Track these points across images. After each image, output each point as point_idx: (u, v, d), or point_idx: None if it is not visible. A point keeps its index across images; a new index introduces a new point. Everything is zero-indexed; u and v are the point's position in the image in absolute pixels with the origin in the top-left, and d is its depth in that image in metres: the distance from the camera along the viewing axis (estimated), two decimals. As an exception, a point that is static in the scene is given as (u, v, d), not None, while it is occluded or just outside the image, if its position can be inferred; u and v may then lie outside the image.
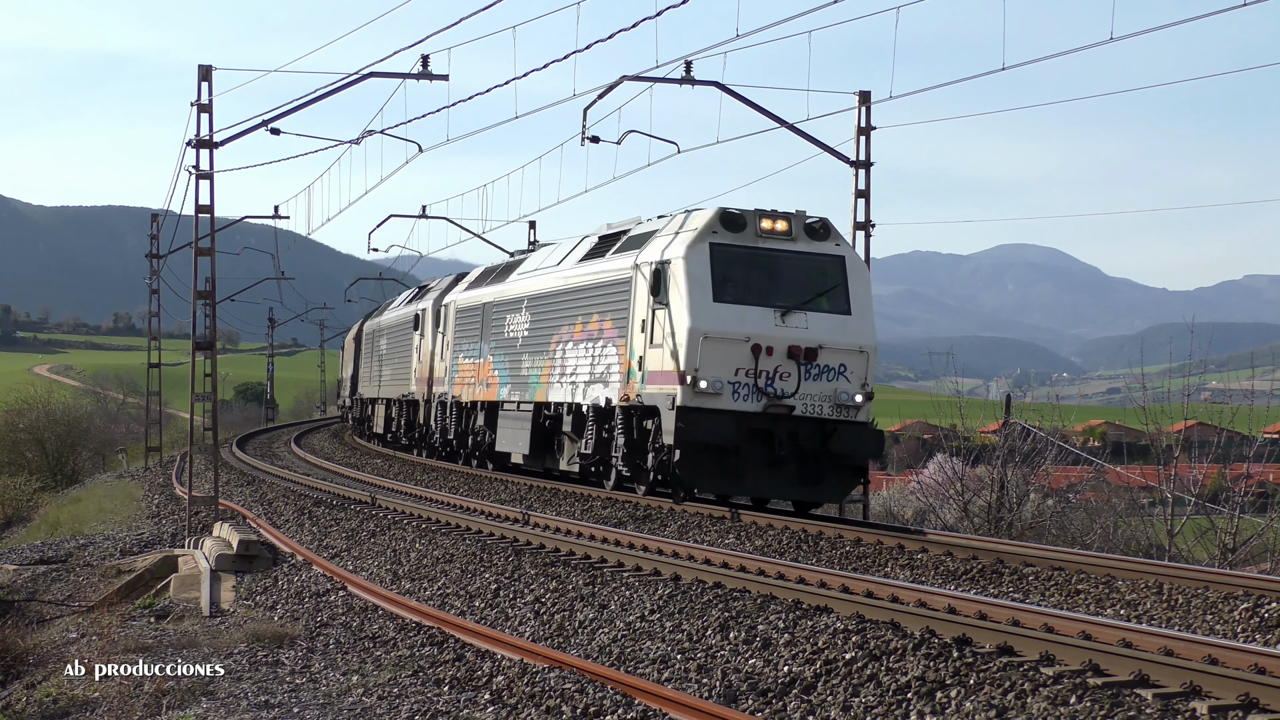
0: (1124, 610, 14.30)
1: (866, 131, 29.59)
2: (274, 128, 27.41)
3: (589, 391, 27.58)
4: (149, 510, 34.49)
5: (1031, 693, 10.16)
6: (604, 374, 26.92)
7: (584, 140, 29.77)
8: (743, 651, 12.28)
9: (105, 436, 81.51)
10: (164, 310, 53.85)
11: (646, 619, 14.03)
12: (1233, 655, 10.94)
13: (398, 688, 12.47)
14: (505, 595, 16.40)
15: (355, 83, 26.53)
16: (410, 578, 18.55)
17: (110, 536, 29.95)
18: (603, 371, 26.98)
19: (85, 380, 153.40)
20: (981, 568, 17.06)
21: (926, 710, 10.21)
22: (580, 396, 28.05)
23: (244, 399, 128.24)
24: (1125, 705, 9.78)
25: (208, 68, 26.58)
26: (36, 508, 51.90)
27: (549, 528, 22.17)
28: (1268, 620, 13.30)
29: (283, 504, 28.86)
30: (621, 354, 26.09)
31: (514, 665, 12.44)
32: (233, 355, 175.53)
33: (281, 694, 12.76)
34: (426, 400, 41.67)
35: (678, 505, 24.18)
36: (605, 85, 27.51)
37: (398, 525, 23.04)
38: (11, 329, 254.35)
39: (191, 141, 26.69)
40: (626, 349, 25.86)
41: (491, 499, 28.43)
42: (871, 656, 11.42)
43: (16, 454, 69.21)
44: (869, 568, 17.86)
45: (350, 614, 16.36)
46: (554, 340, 29.92)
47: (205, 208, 26.55)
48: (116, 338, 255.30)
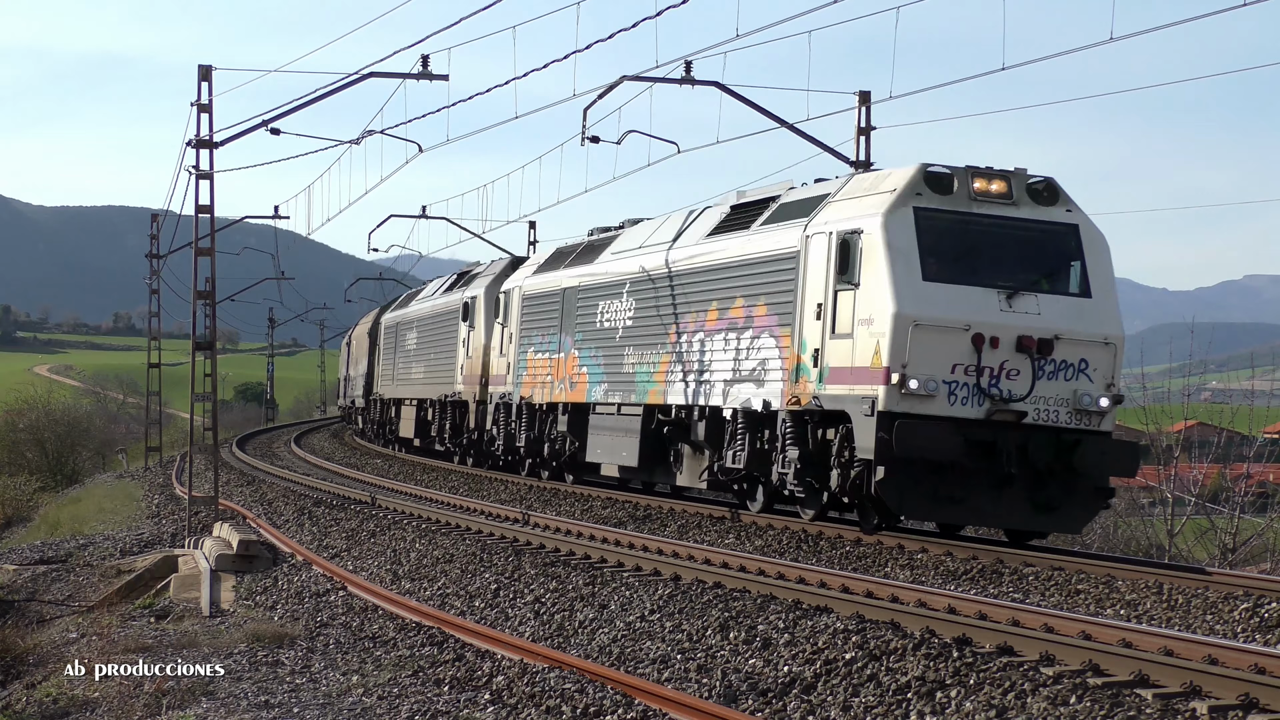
0: (1124, 610, 14.30)
1: (866, 131, 29.62)
2: (274, 128, 27.44)
3: (734, 392, 22.99)
4: (149, 510, 34.48)
5: (1031, 693, 10.16)
6: (756, 371, 22.37)
7: (584, 140, 29.77)
8: (743, 651, 12.28)
9: (105, 436, 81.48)
10: (164, 310, 53.87)
11: (646, 619, 14.03)
12: (1233, 655, 10.95)
13: (398, 688, 12.47)
14: (505, 595, 16.40)
15: (355, 83, 26.55)
16: (410, 578, 18.55)
17: (110, 536, 29.94)
18: (754, 368, 22.43)
19: (85, 380, 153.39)
20: (981, 568, 17.06)
21: (926, 710, 10.22)
22: (718, 399, 23.48)
23: (244, 399, 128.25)
24: (1125, 705, 9.78)
25: (208, 68, 26.59)
26: (36, 508, 51.89)
27: (549, 528, 22.17)
28: (1268, 620, 13.30)
29: (283, 504, 28.87)
30: (784, 346, 21.49)
31: (514, 665, 12.44)
32: (233, 355, 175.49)
33: (281, 694, 12.76)
34: (480, 401, 36.19)
35: (868, 535, 19.95)
36: (605, 85, 27.54)
37: (398, 525, 23.05)
38: (11, 329, 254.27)
39: (191, 141, 26.71)
40: (793, 340, 21.21)
41: (491, 499, 28.43)
42: (871, 656, 11.42)
43: (16, 454, 69.19)
44: (869, 568, 17.86)
45: (350, 614, 16.36)
46: (674, 331, 25.22)
47: (205, 208, 26.56)
48: (116, 338, 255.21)
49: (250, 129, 27.02)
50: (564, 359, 29.82)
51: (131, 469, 56.18)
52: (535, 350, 31.63)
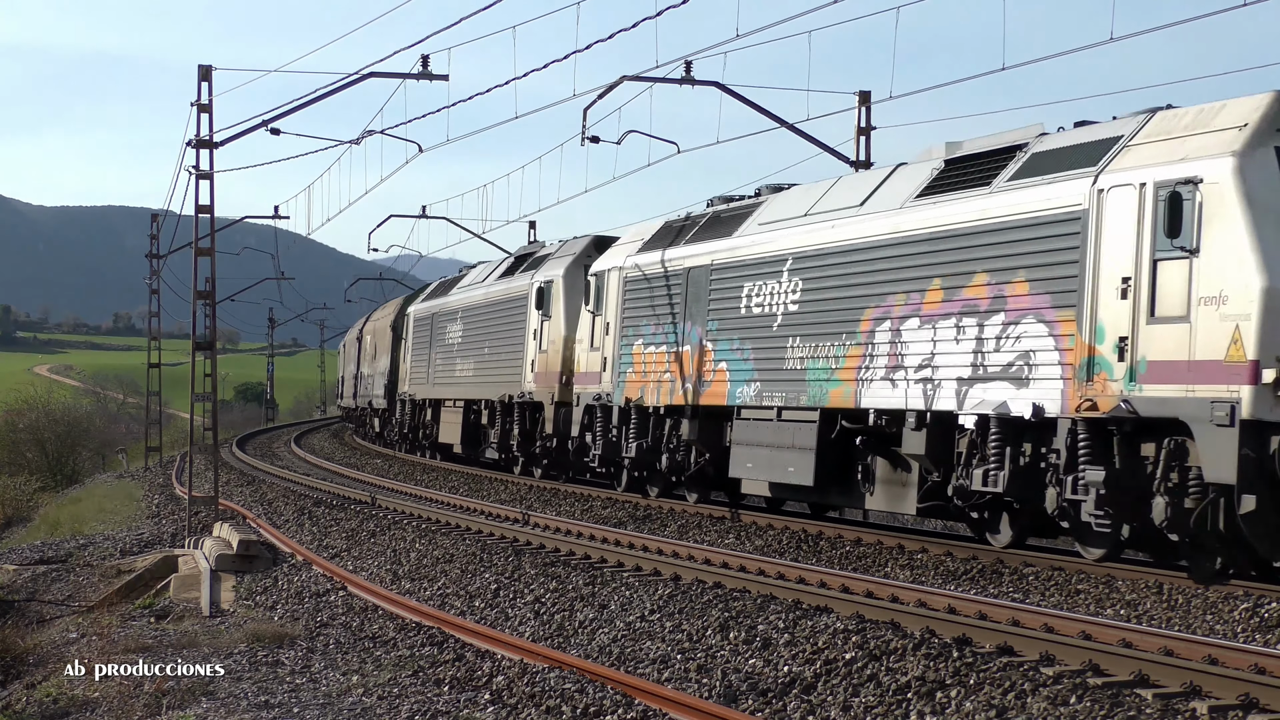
0: (1124, 610, 14.30)
1: (866, 131, 29.63)
2: (274, 128, 27.48)
3: (975, 394, 18.05)
4: (149, 510, 34.48)
5: (1031, 693, 10.16)
6: (1015, 367, 17.50)
7: (584, 140, 29.78)
8: (743, 651, 12.28)
9: (105, 436, 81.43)
10: (164, 310, 53.89)
11: (646, 619, 14.03)
12: (1233, 655, 10.95)
13: (398, 688, 12.46)
14: (505, 595, 16.40)
15: (355, 83, 26.58)
16: (410, 578, 18.55)
17: (110, 536, 29.94)
18: (1011, 363, 17.56)
19: (85, 380, 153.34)
20: (981, 568, 17.06)
21: (926, 710, 10.22)
22: (949, 402, 18.49)
23: (244, 399, 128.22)
24: (1125, 705, 9.78)
25: (208, 68, 26.62)
26: (36, 508, 51.86)
27: (549, 528, 22.17)
28: (1268, 620, 13.30)
29: (283, 504, 28.87)
30: (1065, 334, 16.72)
31: (514, 665, 12.44)
32: (233, 355, 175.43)
33: (281, 694, 12.76)
34: (561, 403, 30.92)
35: (1203, 586, 15.11)
36: (605, 85, 27.55)
37: (398, 525, 23.05)
38: (11, 329, 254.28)
39: (191, 141, 26.74)
40: (1081, 326, 16.40)
41: (491, 499, 28.43)
42: (871, 656, 11.42)
43: (16, 454, 69.15)
44: (869, 568, 17.86)
45: (350, 614, 16.36)
46: (869, 317, 20.16)
47: (205, 208, 26.58)
48: (116, 338, 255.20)
49: (250, 129, 27.06)
50: (691, 352, 24.82)
51: (131, 469, 56.18)
52: (646, 343, 26.52)
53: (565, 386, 30.66)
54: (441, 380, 41.17)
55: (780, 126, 28.86)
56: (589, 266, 29.68)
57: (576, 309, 30.29)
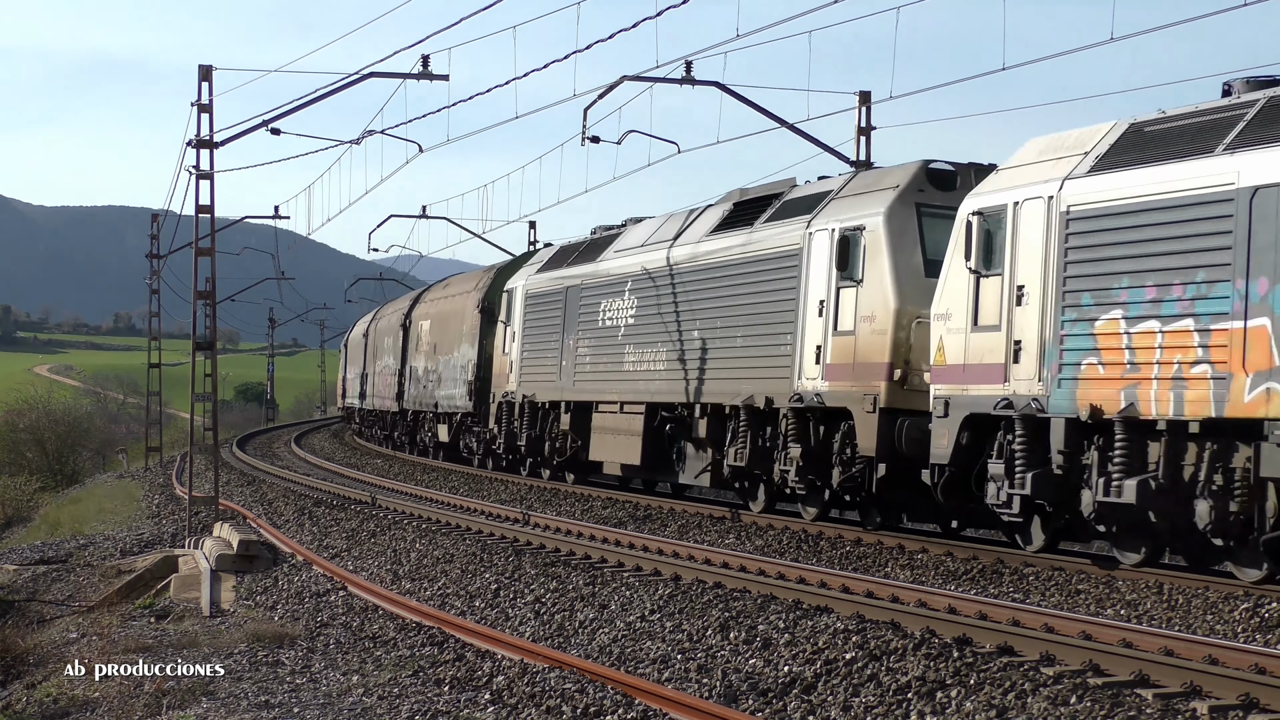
0: (1124, 610, 14.30)
1: (867, 131, 29.63)
2: (274, 128, 27.47)
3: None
4: (149, 510, 34.47)
5: (1032, 693, 10.16)
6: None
7: (584, 140, 29.83)
8: (743, 651, 12.28)
9: (105, 436, 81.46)
10: (164, 310, 53.88)
11: (647, 619, 14.03)
12: (1233, 655, 10.95)
13: (398, 688, 12.47)
14: (505, 595, 16.40)
15: (355, 83, 26.57)
16: (410, 578, 18.55)
17: (110, 536, 29.94)
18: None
19: (85, 380, 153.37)
20: (981, 568, 17.06)
21: (927, 710, 10.22)
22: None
23: (244, 399, 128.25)
24: (1125, 705, 9.78)
25: (208, 68, 26.60)
26: (36, 508, 51.86)
27: (549, 528, 22.17)
28: (1268, 620, 13.30)
29: (283, 504, 28.87)
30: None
31: (514, 665, 12.44)
32: (233, 355, 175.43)
33: (281, 694, 12.76)
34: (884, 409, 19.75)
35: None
36: (605, 85, 27.62)
37: (398, 525, 23.05)
38: (11, 329, 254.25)
39: (191, 141, 26.72)
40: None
41: (491, 499, 28.43)
42: (872, 656, 11.42)
43: (16, 454, 69.15)
44: (869, 568, 17.85)
45: (350, 614, 16.36)
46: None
47: (205, 208, 26.57)
48: (116, 338, 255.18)
49: (250, 129, 27.05)
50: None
51: (131, 469, 56.17)
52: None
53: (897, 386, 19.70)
54: (594, 376, 29.33)
55: (780, 126, 28.88)
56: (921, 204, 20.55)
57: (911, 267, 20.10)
